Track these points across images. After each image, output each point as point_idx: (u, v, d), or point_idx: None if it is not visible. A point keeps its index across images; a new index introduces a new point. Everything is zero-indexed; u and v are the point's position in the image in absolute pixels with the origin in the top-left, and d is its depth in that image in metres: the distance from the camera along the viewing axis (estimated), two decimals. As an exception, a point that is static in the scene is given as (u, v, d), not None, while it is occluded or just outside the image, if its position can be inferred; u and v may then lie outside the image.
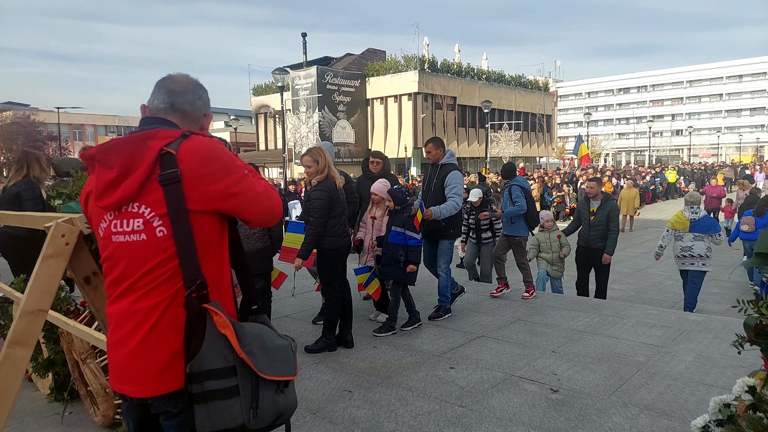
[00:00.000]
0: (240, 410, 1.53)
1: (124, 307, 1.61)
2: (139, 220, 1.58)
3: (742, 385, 1.70)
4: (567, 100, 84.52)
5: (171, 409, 1.63)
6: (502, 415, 3.48)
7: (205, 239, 1.62)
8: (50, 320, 3.09)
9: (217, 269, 1.67)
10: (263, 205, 1.70)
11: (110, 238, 1.63)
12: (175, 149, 1.57)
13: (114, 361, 1.65)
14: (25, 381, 4.07)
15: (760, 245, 1.86)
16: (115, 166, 1.58)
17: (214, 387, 1.52)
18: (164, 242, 1.57)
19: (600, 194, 7.16)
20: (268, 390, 1.58)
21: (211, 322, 1.55)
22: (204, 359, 1.53)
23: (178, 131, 1.63)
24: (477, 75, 37.08)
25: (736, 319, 4.54)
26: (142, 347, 1.58)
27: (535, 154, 42.70)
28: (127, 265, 1.60)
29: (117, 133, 50.57)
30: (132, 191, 1.57)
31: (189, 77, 1.77)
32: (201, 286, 1.56)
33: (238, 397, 1.53)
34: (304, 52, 34.94)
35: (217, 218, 1.66)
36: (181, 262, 1.57)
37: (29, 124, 38.42)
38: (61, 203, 2.83)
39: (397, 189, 5.16)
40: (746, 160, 49.60)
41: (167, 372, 1.58)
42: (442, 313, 5.63)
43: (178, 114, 1.71)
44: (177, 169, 1.56)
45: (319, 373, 4.25)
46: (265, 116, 39.63)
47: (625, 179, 25.67)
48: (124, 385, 1.63)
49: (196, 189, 1.58)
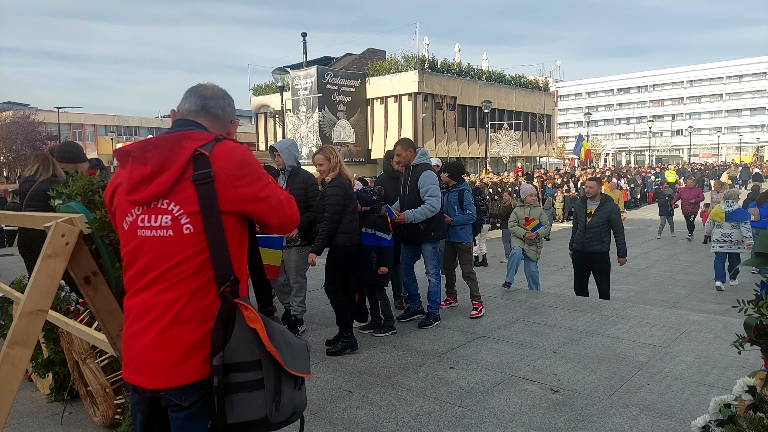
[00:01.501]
0: (263, 403, 1.59)
1: (146, 299, 1.66)
2: (167, 217, 1.65)
3: (742, 386, 1.70)
4: (567, 100, 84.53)
5: (182, 402, 1.65)
6: (502, 415, 3.48)
7: (229, 239, 1.68)
8: (50, 320, 3.10)
9: (237, 269, 1.72)
10: (285, 212, 1.80)
11: (135, 232, 1.69)
12: (209, 151, 1.65)
13: (130, 353, 1.70)
14: (25, 381, 4.07)
15: (760, 246, 1.86)
16: (150, 163, 1.65)
17: (240, 379, 1.58)
18: (190, 239, 1.64)
19: (599, 195, 6.87)
20: (288, 385, 1.66)
21: (241, 316, 1.62)
22: (232, 352, 1.58)
23: (212, 134, 1.72)
24: (477, 75, 37.07)
25: (737, 319, 4.54)
26: (161, 338, 1.63)
27: (535, 154, 42.69)
28: (153, 259, 1.66)
29: (116, 132, 50.58)
30: (164, 188, 1.64)
31: (218, 86, 1.88)
32: (235, 282, 1.64)
33: (263, 390, 1.59)
34: (304, 52, 34.94)
35: (239, 220, 1.73)
36: (214, 259, 1.63)
37: (29, 123, 38.41)
38: (61, 203, 2.82)
39: (362, 190, 5.07)
40: (746, 160, 49.64)
41: (183, 364, 1.62)
42: (432, 321, 5.43)
43: (209, 117, 1.81)
44: (211, 170, 1.63)
45: (319, 373, 4.25)
46: (265, 116, 39.63)
47: (624, 179, 25.67)
48: (139, 377, 1.67)
49: (228, 190, 1.65)
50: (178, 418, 1.68)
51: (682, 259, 11.64)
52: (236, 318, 1.61)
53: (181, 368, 1.62)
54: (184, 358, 1.62)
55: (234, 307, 1.61)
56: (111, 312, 2.17)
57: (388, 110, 34.34)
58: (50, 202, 2.99)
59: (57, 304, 3.70)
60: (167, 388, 1.63)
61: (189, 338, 1.62)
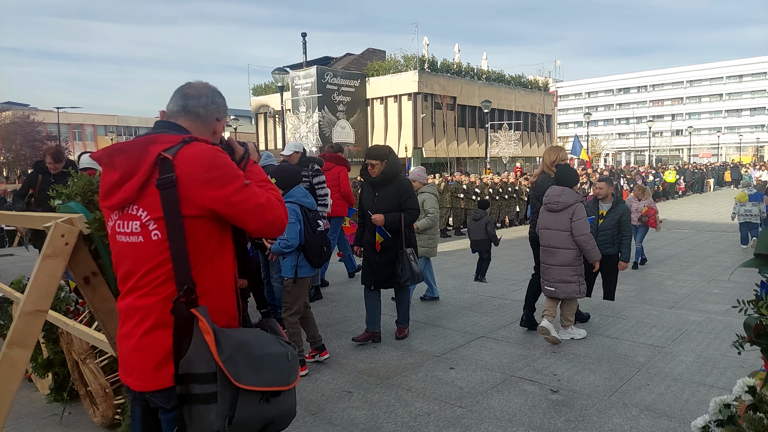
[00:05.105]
0: (216, 417, 1.54)
1: (129, 303, 1.68)
2: (136, 223, 1.65)
3: (742, 386, 1.70)
4: (567, 100, 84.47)
5: (164, 405, 1.68)
6: (502, 415, 3.47)
7: (200, 244, 1.65)
8: (50, 320, 3.09)
9: (215, 274, 1.69)
10: (264, 217, 1.72)
11: (115, 238, 1.72)
12: (173, 155, 1.62)
13: (121, 354, 1.73)
14: (25, 381, 4.06)
15: (760, 246, 1.86)
16: (119, 169, 1.65)
17: (196, 391, 1.56)
18: (159, 245, 1.63)
19: (610, 196, 6.57)
20: (249, 399, 1.58)
21: (197, 326, 1.58)
22: (191, 362, 1.56)
23: (180, 137, 1.67)
24: (477, 75, 37.04)
25: (737, 319, 4.54)
26: (143, 342, 1.64)
27: (535, 154, 42.65)
28: (131, 264, 1.68)
29: (116, 132, 50.56)
30: (131, 194, 1.64)
31: (207, 84, 1.84)
32: (189, 291, 1.60)
33: (216, 404, 1.54)
34: (304, 52, 34.90)
35: (215, 224, 1.69)
36: (174, 266, 1.61)
37: (28, 123, 38.34)
38: (60, 203, 2.82)
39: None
40: (746, 160, 49.64)
41: (164, 368, 1.63)
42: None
43: (190, 116, 1.78)
44: (173, 174, 1.60)
45: (318, 373, 4.25)
46: (265, 116, 39.60)
47: (624, 179, 25.66)
48: (128, 377, 1.70)
49: (192, 194, 1.62)
50: (164, 419, 1.71)
51: (682, 259, 11.64)
52: (194, 328, 1.58)
53: (163, 371, 1.63)
54: (165, 361, 1.62)
55: (189, 317, 1.58)
56: (110, 312, 2.17)
57: (387, 110, 34.33)
58: (50, 202, 2.99)
59: (57, 304, 3.70)
60: (152, 391, 1.65)
61: (169, 343, 1.62)
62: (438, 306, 6.22)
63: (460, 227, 17.81)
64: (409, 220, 4.83)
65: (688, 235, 15.81)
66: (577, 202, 4.81)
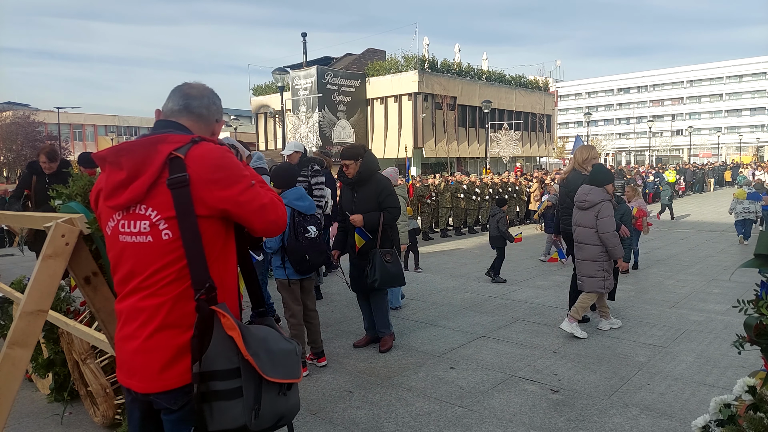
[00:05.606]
0: (242, 411, 1.56)
1: (133, 304, 1.66)
2: (145, 222, 1.63)
3: (742, 386, 1.70)
4: (567, 100, 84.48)
5: (171, 406, 1.66)
6: (503, 415, 3.47)
7: (209, 243, 1.65)
8: (50, 320, 3.09)
9: (221, 272, 1.70)
10: (268, 217, 1.74)
11: (117, 238, 1.68)
12: (184, 154, 1.62)
13: (122, 356, 1.70)
14: (25, 381, 4.07)
15: (760, 246, 1.86)
16: (125, 168, 1.63)
17: (218, 387, 1.56)
18: (169, 245, 1.61)
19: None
20: (270, 392, 1.61)
21: (219, 323, 1.58)
22: (211, 360, 1.56)
23: (189, 136, 1.67)
24: (477, 75, 37.04)
25: (737, 319, 4.54)
26: (148, 344, 1.63)
27: (535, 154, 42.66)
28: (135, 265, 1.65)
29: (117, 132, 50.56)
30: (140, 193, 1.62)
31: (205, 84, 1.84)
32: (210, 289, 1.60)
33: (241, 398, 1.56)
34: (304, 52, 34.90)
35: (221, 223, 1.69)
36: (190, 265, 1.60)
37: (29, 124, 38.39)
38: (61, 203, 2.82)
39: None
40: (746, 160, 49.63)
41: (170, 369, 1.62)
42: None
43: (192, 116, 1.77)
44: (186, 174, 1.59)
45: (319, 373, 4.25)
46: (265, 116, 39.60)
47: (624, 179, 25.61)
48: (130, 380, 1.68)
49: (204, 194, 1.62)
50: (168, 420, 1.70)
51: (682, 259, 11.63)
52: (215, 326, 1.58)
53: (169, 373, 1.62)
54: (172, 362, 1.62)
55: (210, 314, 1.59)
56: (111, 312, 2.17)
57: (388, 110, 34.33)
58: (50, 202, 2.99)
59: (57, 304, 3.70)
60: (156, 393, 1.64)
61: (175, 343, 1.62)
62: (438, 306, 6.22)
63: (461, 227, 17.81)
64: (389, 219, 4.61)
65: (689, 234, 15.81)
66: (603, 201, 5.01)
